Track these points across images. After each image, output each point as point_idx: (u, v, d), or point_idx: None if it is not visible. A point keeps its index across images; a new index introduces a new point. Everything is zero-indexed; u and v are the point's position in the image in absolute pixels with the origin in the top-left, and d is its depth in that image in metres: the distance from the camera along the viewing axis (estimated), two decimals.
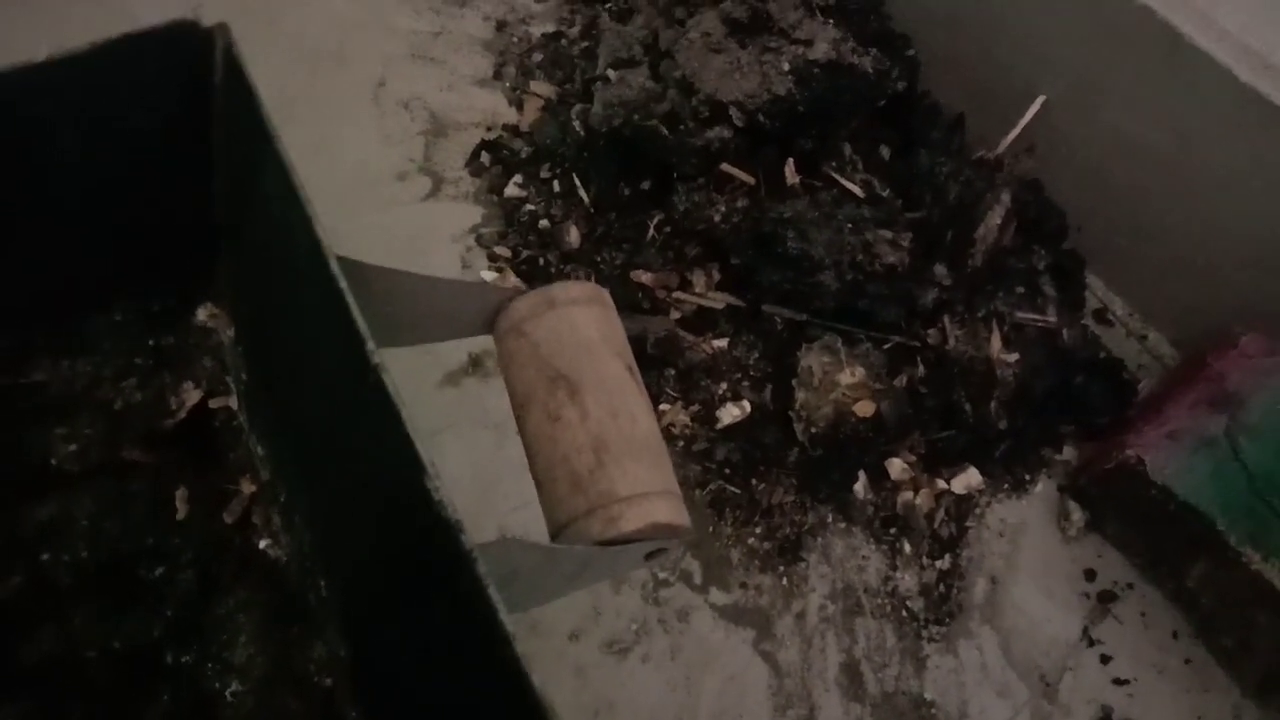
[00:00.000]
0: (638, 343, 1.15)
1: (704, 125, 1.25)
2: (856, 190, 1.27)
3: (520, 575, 0.56)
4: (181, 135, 0.73)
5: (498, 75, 1.50)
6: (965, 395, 1.22)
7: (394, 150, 1.39)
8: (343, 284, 0.54)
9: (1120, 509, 1.21)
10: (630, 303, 1.26)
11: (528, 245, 1.32)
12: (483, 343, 1.20)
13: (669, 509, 0.61)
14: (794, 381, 1.20)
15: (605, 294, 0.70)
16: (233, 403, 0.87)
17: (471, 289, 0.76)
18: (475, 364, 1.22)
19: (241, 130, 0.67)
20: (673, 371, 1.24)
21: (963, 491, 1.23)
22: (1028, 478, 1.28)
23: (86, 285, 0.80)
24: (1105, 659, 1.17)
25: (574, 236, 1.31)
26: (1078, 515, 1.24)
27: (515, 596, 0.55)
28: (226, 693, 0.77)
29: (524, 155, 1.39)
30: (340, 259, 0.56)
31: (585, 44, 1.50)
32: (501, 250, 1.31)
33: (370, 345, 0.52)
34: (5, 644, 0.75)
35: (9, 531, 0.78)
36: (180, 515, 0.83)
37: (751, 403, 1.23)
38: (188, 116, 0.71)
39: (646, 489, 0.60)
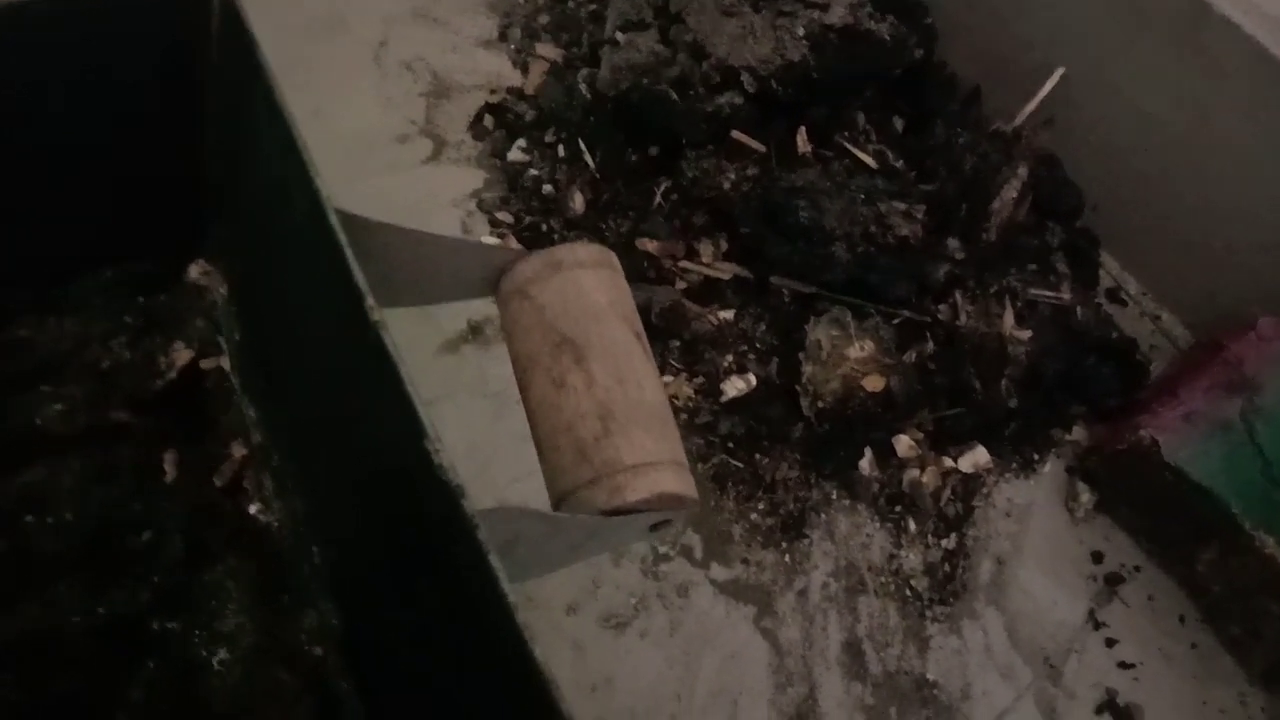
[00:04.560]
0: (642, 313, 1.12)
1: (714, 91, 1.22)
2: (870, 161, 1.24)
3: (521, 544, 0.54)
4: (175, 85, 0.70)
5: (503, 37, 1.46)
6: (975, 372, 1.20)
7: (395, 112, 1.36)
8: (341, 238, 0.52)
9: (1131, 491, 1.19)
10: (635, 272, 1.23)
11: (531, 211, 1.29)
12: (483, 309, 1.19)
13: (676, 479, 0.59)
14: (801, 355, 1.17)
15: (613, 257, 0.68)
16: (225, 364, 0.84)
17: (475, 249, 0.74)
18: (475, 331, 1.20)
19: (237, 78, 0.64)
20: (677, 343, 1.21)
21: (970, 470, 1.21)
22: (1036, 458, 1.26)
23: (74, 240, 0.77)
24: (1111, 643, 1.15)
25: (578, 203, 1.28)
26: (1086, 497, 1.22)
27: (515, 567, 0.53)
28: (214, 662, 0.75)
29: (528, 119, 1.36)
30: (339, 212, 0.54)
31: (593, 6, 1.46)
32: (504, 216, 1.28)
33: (369, 301, 0.50)
34: None
35: None
36: (169, 479, 0.80)
37: (757, 376, 1.20)
38: (182, 65, 0.69)
39: (653, 458, 0.58)
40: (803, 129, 1.26)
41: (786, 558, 1.13)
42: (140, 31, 0.66)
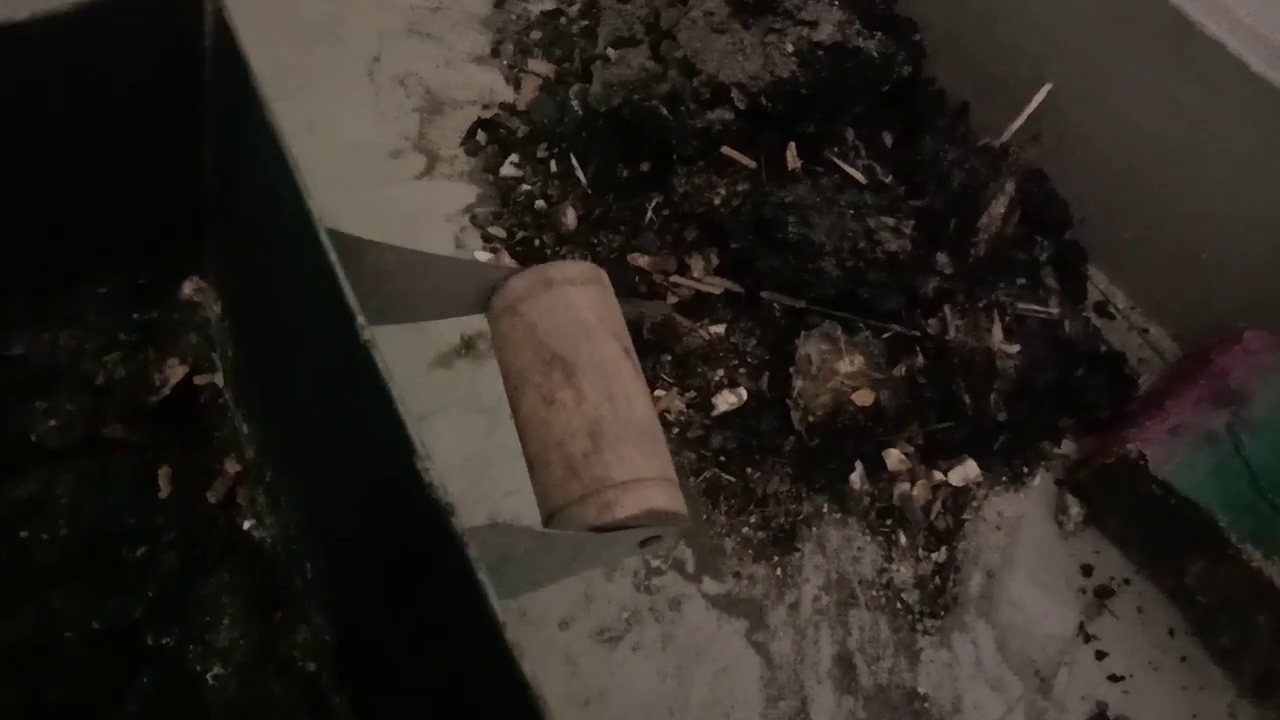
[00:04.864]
0: (634, 327, 1.12)
1: (705, 107, 1.23)
2: (859, 176, 1.25)
3: (512, 561, 0.54)
4: (169, 102, 0.70)
5: (495, 53, 1.47)
6: (965, 386, 1.21)
7: (388, 127, 1.37)
8: (333, 257, 0.52)
9: (1119, 504, 1.19)
10: (627, 287, 1.24)
11: (523, 226, 1.29)
12: (475, 324, 1.20)
13: (665, 495, 0.59)
14: (792, 369, 1.18)
15: (603, 274, 0.68)
16: (218, 380, 0.85)
17: (466, 266, 0.74)
18: (467, 346, 1.20)
19: (231, 97, 0.65)
20: (669, 357, 1.22)
21: (960, 484, 1.22)
22: (1026, 471, 1.26)
23: (69, 255, 0.78)
24: (1101, 655, 1.15)
25: (570, 218, 1.29)
26: (1076, 510, 1.23)
27: (506, 583, 0.53)
28: (208, 676, 0.76)
29: (521, 134, 1.37)
30: (330, 231, 0.54)
31: (585, 22, 1.48)
32: (496, 231, 1.29)
33: (360, 320, 0.50)
34: None
35: None
36: (163, 494, 0.81)
37: (748, 390, 1.21)
38: (176, 82, 0.69)
39: (643, 474, 0.59)
40: (792, 144, 1.27)
41: (778, 571, 1.13)
42: (135, 47, 0.67)
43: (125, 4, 0.63)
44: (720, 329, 1.25)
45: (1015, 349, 1.23)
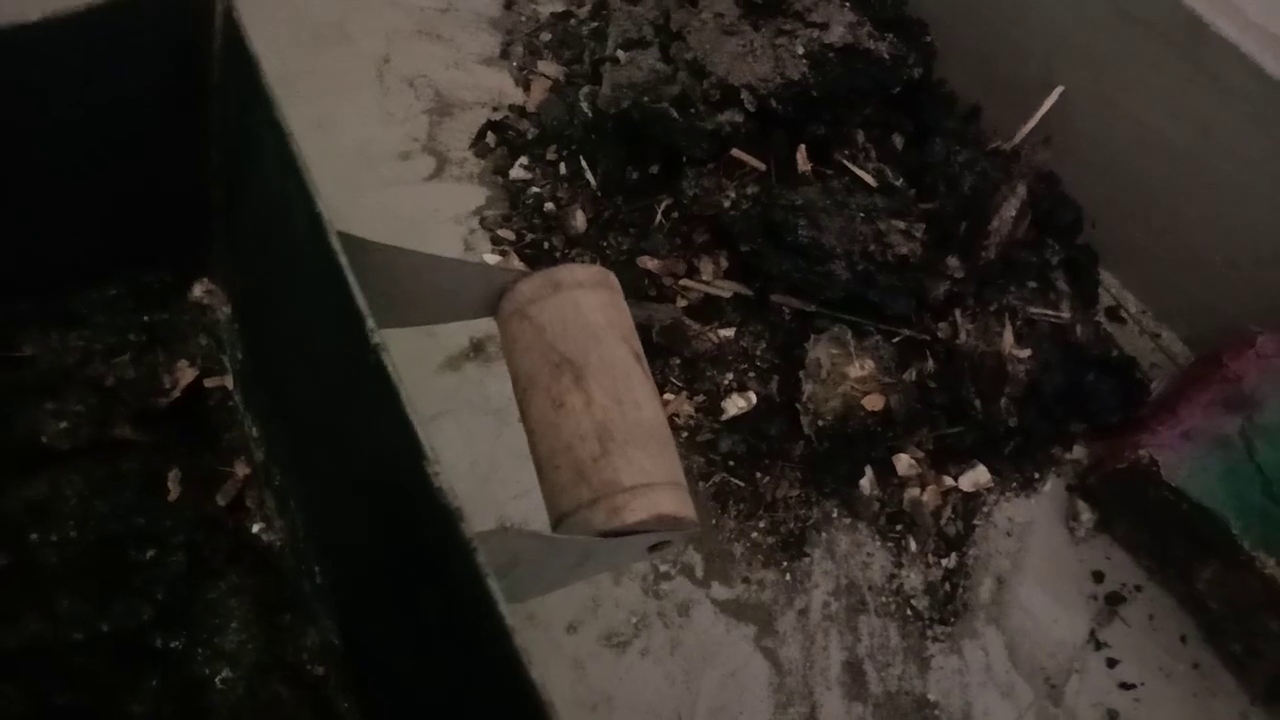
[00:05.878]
0: (643, 330, 1.12)
1: (715, 109, 1.22)
2: (869, 179, 1.25)
3: (520, 565, 0.54)
4: (178, 103, 0.70)
5: (505, 54, 1.47)
6: (975, 391, 1.20)
7: (397, 129, 1.36)
8: (342, 259, 0.52)
9: (1131, 510, 1.19)
10: (636, 290, 1.24)
11: (532, 228, 1.29)
12: (484, 326, 1.19)
13: (675, 500, 0.59)
14: (801, 373, 1.18)
15: (612, 277, 0.68)
16: (228, 382, 0.85)
17: (475, 269, 0.74)
18: (476, 348, 1.20)
19: (240, 98, 0.65)
20: (678, 361, 1.22)
21: (970, 489, 1.21)
22: (1037, 476, 1.26)
23: (77, 257, 0.78)
24: (1112, 662, 1.15)
25: (580, 220, 1.28)
26: (1087, 515, 1.22)
27: (514, 587, 0.53)
28: (216, 679, 0.75)
29: (530, 136, 1.37)
30: (340, 234, 0.54)
31: (595, 24, 1.47)
32: (505, 233, 1.29)
33: (370, 324, 0.50)
34: None
35: None
36: (172, 497, 0.81)
37: (757, 394, 1.20)
38: (185, 83, 0.69)
39: (652, 479, 0.58)
40: (802, 147, 1.26)
41: (787, 576, 1.13)
42: (144, 47, 0.67)
43: (135, 6, 0.63)
44: (729, 332, 1.24)
45: (1026, 353, 1.22)
